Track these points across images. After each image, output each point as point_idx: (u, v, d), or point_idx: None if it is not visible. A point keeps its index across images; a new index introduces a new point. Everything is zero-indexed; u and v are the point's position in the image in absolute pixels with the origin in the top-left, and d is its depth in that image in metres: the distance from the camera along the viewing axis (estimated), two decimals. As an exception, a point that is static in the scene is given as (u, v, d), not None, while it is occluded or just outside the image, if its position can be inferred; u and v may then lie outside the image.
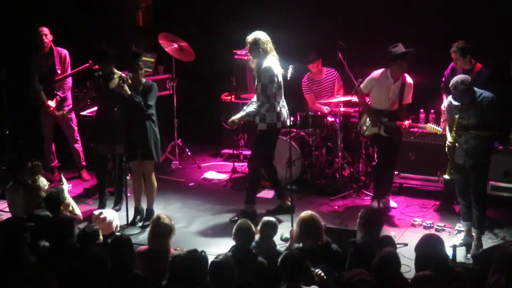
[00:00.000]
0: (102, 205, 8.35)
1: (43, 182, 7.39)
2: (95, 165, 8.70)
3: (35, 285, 4.94)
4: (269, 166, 8.25)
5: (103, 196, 8.47)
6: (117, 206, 8.27)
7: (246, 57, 9.69)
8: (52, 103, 9.18)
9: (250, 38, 7.87)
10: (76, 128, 9.42)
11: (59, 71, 9.21)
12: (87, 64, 8.95)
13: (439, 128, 7.63)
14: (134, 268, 5.39)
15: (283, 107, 7.98)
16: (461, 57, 7.59)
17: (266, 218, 6.22)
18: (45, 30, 9.17)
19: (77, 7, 10.74)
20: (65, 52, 9.30)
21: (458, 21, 9.13)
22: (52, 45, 9.22)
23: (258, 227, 6.22)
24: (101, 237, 6.19)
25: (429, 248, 5.31)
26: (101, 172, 8.53)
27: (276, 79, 7.81)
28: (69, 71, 9.28)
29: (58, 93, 9.22)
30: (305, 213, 6.03)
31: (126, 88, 7.60)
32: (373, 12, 9.75)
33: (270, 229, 6.15)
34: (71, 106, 9.29)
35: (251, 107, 7.95)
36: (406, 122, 7.90)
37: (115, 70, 8.21)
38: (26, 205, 7.20)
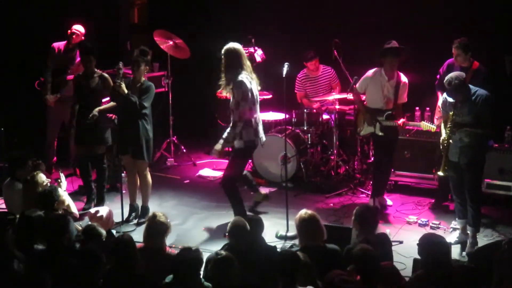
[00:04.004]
0: (89, 203, 8.35)
1: (41, 178, 7.37)
2: (79, 165, 8.69)
3: (28, 283, 4.93)
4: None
5: (90, 194, 8.45)
6: (100, 205, 8.22)
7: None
8: (51, 97, 9.15)
9: (226, 48, 7.42)
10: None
11: (69, 71, 9.18)
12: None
13: (433, 126, 7.64)
14: (137, 269, 5.36)
15: (259, 123, 7.56)
16: (463, 53, 7.57)
17: (249, 217, 6.19)
18: (77, 29, 9.16)
19: (72, 4, 10.70)
20: None
21: (454, 20, 9.14)
22: (78, 45, 9.16)
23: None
24: (104, 238, 6.17)
25: (435, 250, 5.25)
26: (83, 172, 8.51)
27: (249, 95, 7.34)
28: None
29: (60, 91, 9.18)
30: (304, 213, 5.89)
31: (123, 86, 7.58)
32: (370, 10, 9.75)
33: (256, 226, 6.10)
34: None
35: (227, 132, 7.53)
36: (401, 120, 7.91)
37: (96, 70, 8.21)
38: (25, 201, 7.20)
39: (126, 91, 7.59)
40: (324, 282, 5.01)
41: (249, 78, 7.38)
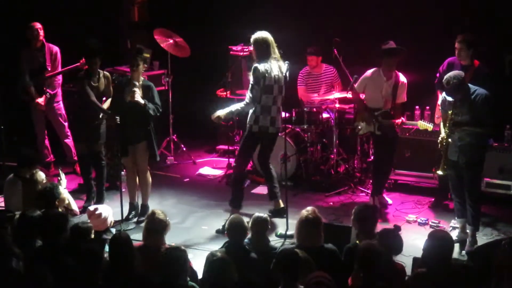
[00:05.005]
0: (89, 201, 8.36)
1: (41, 176, 7.40)
2: (79, 162, 8.72)
3: (30, 280, 4.94)
4: (263, 165, 8.02)
5: (90, 192, 8.47)
6: (99, 203, 8.23)
7: (241, 53, 9.69)
8: (41, 100, 9.16)
9: (254, 37, 7.54)
10: (65, 123, 9.41)
11: (49, 68, 9.18)
12: (78, 64, 8.87)
13: (429, 125, 7.67)
14: (135, 267, 5.36)
15: (267, 112, 7.56)
16: (465, 48, 7.54)
17: (256, 215, 6.20)
18: (38, 25, 9.13)
19: (72, 3, 10.70)
20: (56, 49, 9.25)
21: (454, 19, 9.15)
22: (44, 41, 9.19)
23: (249, 224, 6.21)
24: (92, 235, 6.18)
25: (440, 246, 5.26)
26: (84, 169, 8.52)
27: (262, 81, 7.45)
28: (59, 68, 9.25)
29: (47, 90, 9.19)
30: (309, 214, 5.88)
31: (139, 98, 7.59)
32: (370, 9, 9.75)
33: (261, 225, 6.12)
34: (60, 102, 9.30)
35: (236, 105, 7.69)
36: (398, 120, 7.94)
37: (100, 70, 8.24)
38: (25, 199, 7.21)
39: (142, 101, 7.60)
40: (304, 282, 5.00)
41: (270, 67, 7.43)
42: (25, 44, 9.23)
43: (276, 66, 7.52)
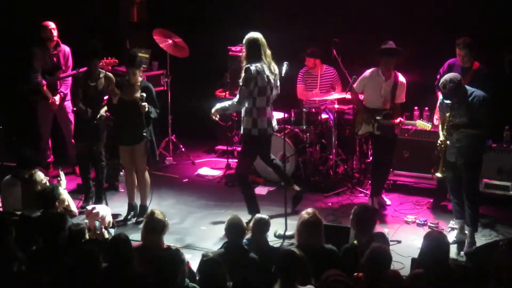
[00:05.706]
0: (87, 201, 8.35)
1: (40, 176, 7.39)
2: (79, 163, 8.72)
3: (26, 280, 4.94)
4: (269, 163, 8.00)
5: (88, 192, 8.47)
6: (98, 203, 8.22)
7: (240, 54, 9.68)
8: (57, 99, 9.15)
9: (246, 37, 7.52)
10: (73, 122, 9.41)
11: (63, 68, 9.17)
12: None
13: (428, 124, 7.66)
14: (134, 268, 5.36)
15: (263, 114, 7.50)
16: (469, 52, 7.54)
17: (258, 215, 6.22)
18: (52, 25, 9.08)
19: (71, 2, 10.70)
20: (68, 49, 9.23)
21: (453, 19, 9.15)
22: (59, 41, 9.16)
23: (251, 224, 6.22)
24: (87, 235, 6.17)
25: (435, 246, 5.27)
26: (83, 170, 8.52)
27: (252, 83, 7.38)
28: (71, 68, 9.22)
29: (61, 89, 9.19)
30: (309, 216, 5.88)
31: (145, 105, 7.62)
32: (370, 10, 9.75)
33: (262, 226, 6.13)
34: (69, 101, 9.31)
35: (227, 102, 7.67)
36: (397, 120, 7.94)
37: (100, 70, 8.23)
38: (24, 200, 7.21)
39: (146, 108, 7.63)
40: (319, 281, 5.02)
41: (262, 68, 7.40)
42: (32, 44, 9.20)
43: (267, 67, 7.49)
